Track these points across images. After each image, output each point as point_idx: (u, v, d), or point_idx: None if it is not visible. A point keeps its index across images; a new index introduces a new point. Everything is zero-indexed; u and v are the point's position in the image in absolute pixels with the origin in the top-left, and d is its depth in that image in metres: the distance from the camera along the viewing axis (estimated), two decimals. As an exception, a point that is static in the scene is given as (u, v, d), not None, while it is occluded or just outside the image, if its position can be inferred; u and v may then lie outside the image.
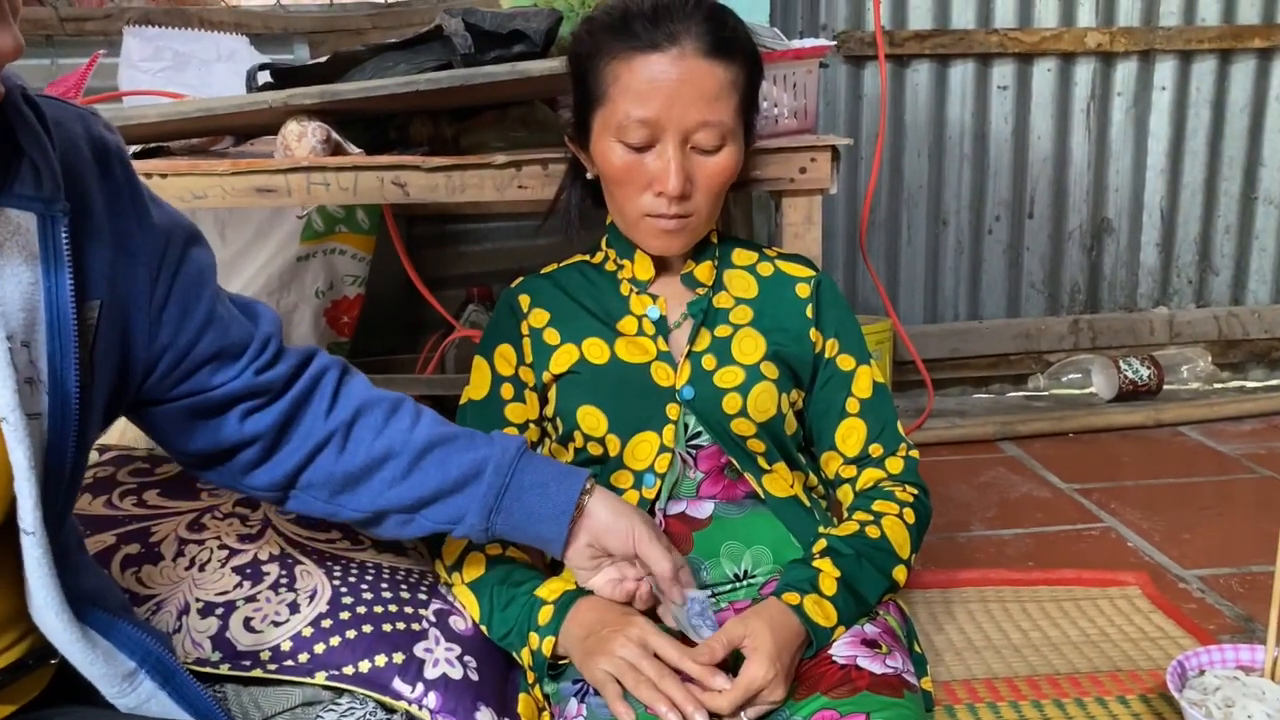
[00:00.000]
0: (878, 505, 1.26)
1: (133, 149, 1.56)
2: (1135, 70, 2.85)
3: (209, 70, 2.05)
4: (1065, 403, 2.77)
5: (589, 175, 1.32)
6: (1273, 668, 1.26)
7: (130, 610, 1.03)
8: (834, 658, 1.12)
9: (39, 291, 0.83)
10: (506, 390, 1.33)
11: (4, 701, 0.89)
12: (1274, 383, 2.98)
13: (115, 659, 0.90)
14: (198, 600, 1.18)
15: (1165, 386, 2.76)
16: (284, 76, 1.56)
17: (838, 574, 1.18)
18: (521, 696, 1.21)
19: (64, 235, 0.83)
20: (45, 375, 0.83)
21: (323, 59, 1.57)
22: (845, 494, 1.33)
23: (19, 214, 0.82)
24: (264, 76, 1.59)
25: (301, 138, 1.47)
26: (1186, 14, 2.83)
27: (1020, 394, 2.91)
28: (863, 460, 1.32)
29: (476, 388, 1.35)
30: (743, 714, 1.05)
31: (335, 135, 1.48)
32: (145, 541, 1.24)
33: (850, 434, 1.32)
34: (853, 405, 1.32)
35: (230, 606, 1.18)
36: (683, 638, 1.12)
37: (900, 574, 1.24)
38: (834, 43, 2.28)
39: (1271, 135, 2.93)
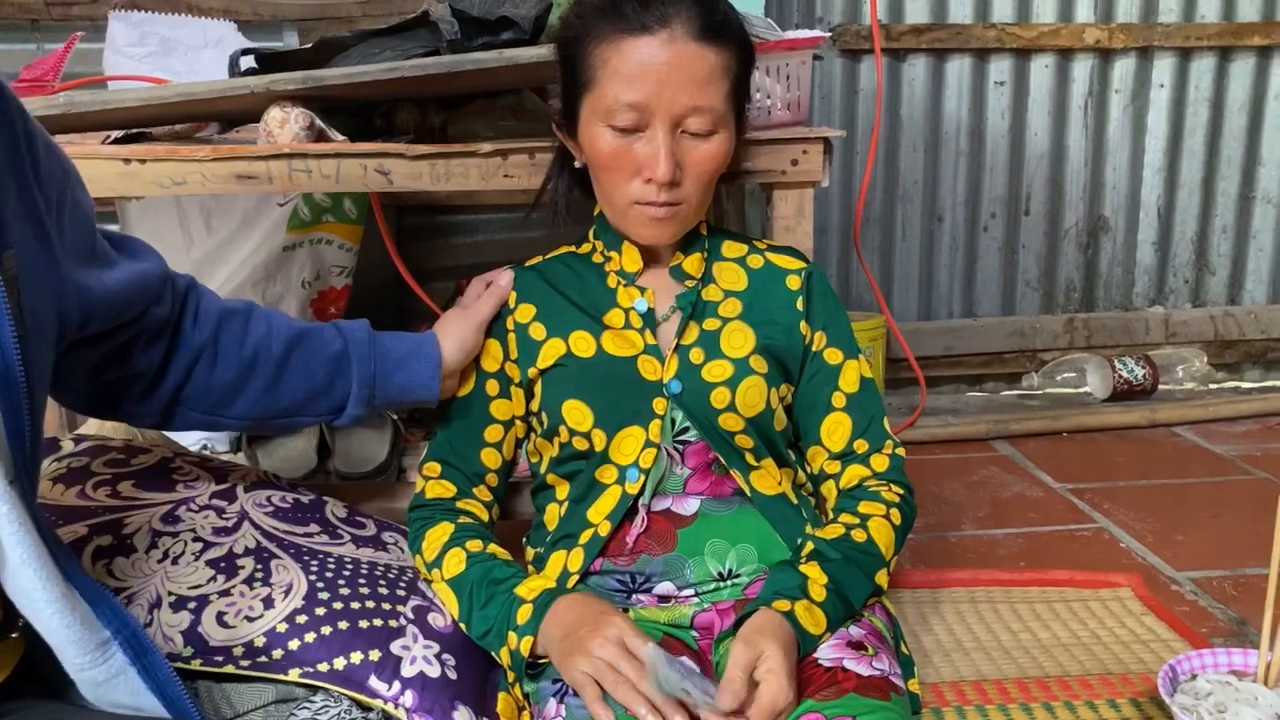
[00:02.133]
0: (864, 507, 1.24)
1: (113, 134, 1.53)
2: (1134, 67, 2.83)
3: (196, 56, 2.02)
4: (1059, 402, 2.75)
5: (577, 164, 1.29)
6: (1266, 672, 1.24)
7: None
8: (820, 660, 1.10)
9: None
10: (492, 386, 1.31)
11: None
12: (1270, 384, 2.97)
13: (91, 625, 0.88)
14: (170, 594, 1.15)
15: (1160, 386, 2.74)
16: (268, 62, 1.53)
17: (825, 579, 1.15)
18: (501, 696, 1.19)
19: None
20: None
21: (307, 45, 1.54)
22: (829, 490, 1.30)
23: None
24: (247, 61, 1.56)
25: (284, 124, 1.44)
26: (1186, 11, 2.81)
27: (1014, 392, 2.89)
28: (848, 456, 1.30)
29: (461, 385, 1.33)
30: None
31: (319, 122, 1.45)
32: (118, 533, 1.21)
33: (836, 429, 1.30)
34: (839, 400, 1.30)
35: (203, 600, 1.15)
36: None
37: (883, 578, 1.22)
38: (828, 34, 2.25)
39: (1270, 134, 2.91)
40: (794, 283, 1.32)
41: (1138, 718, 1.29)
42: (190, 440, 2.05)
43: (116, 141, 1.50)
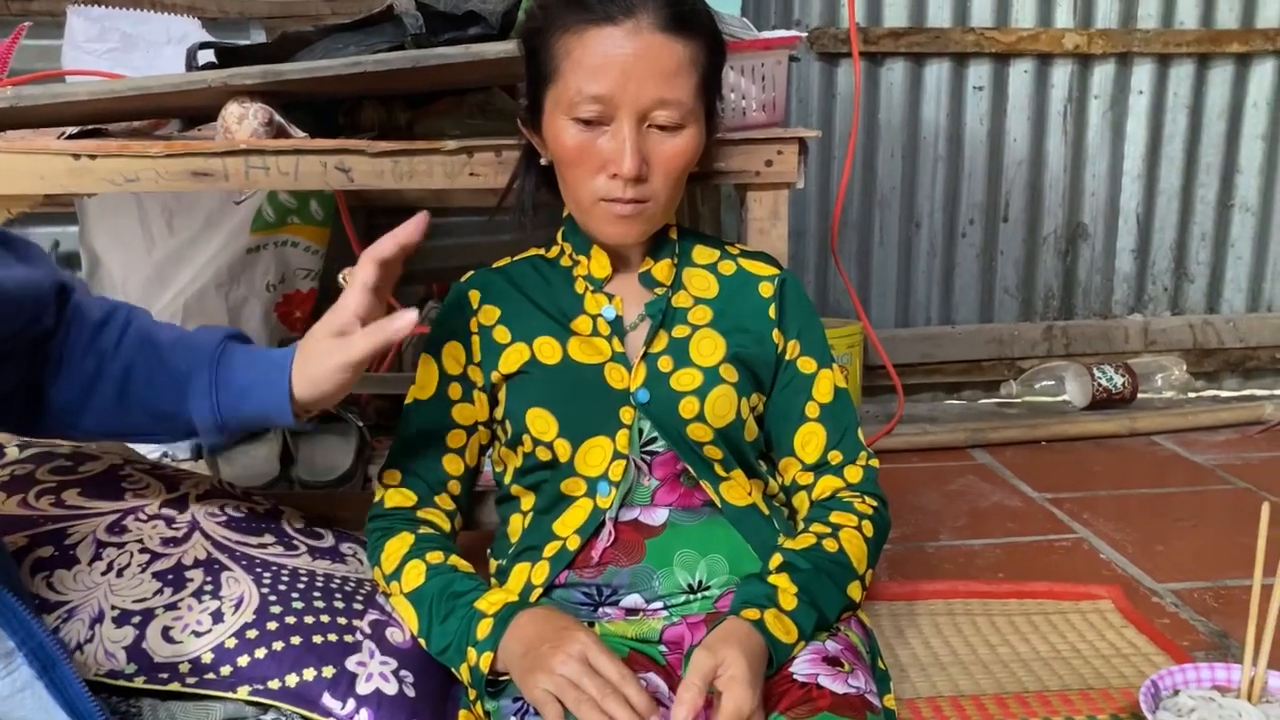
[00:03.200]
0: (835, 517, 1.20)
1: (68, 130, 1.48)
2: (1113, 73, 2.82)
3: (158, 53, 1.97)
4: (1038, 410, 2.73)
5: (543, 161, 1.25)
6: (1249, 688, 1.20)
7: (17, 586, 0.96)
8: (795, 676, 1.06)
9: None
10: (454, 390, 1.27)
11: None
12: (1248, 393, 2.95)
13: None
14: (113, 608, 1.10)
15: (1139, 395, 2.72)
16: (227, 56, 1.48)
17: (796, 589, 1.12)
18: (462, 714, 1.15)
19: None
20: None
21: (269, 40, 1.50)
22: (801, 501, 1.27)
23: None
24: (206, 56, 1.51)
25: (242, 120, 1.39)
26: (1165, 17, 2.80)
27: (992, 401, 2.87)
28: (821, 467, 1.26)
29: (423, 387, 1.28)
30: None
31: (279, 118, 1.41)
32: (60, 544, 1.16)
33: (809, 440, 1.26)
34: (813, 410, 1.26)
35: (148, 615, 1.10)
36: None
37: (856, 591, 1.18)
38: (804, 34, 2.23)
39: (1248, 142, 2.90)
40: (766, 289, 1.28)
41: (1119, 734, 1.26)
42: (150, 448, 2.00)
43: (71, 138, 1.45)
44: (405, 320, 1.07)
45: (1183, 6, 2.80)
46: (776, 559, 1.15)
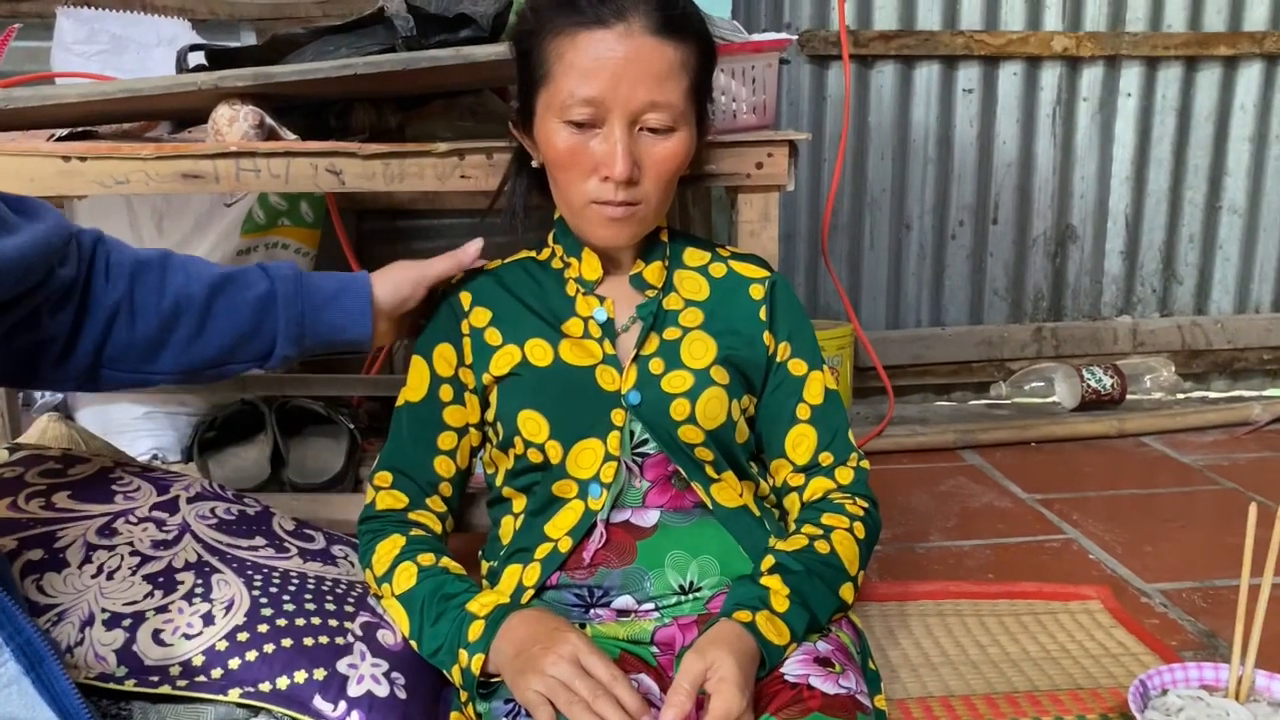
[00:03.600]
0: (827, 519, 1.21)
1: (58, 132, 1.48)
2: (1101, 75, 2.83)
3: (148, 55, 1.97)
4: (1027, 411, 2.74)
5: (535, 163, 1.26)
6: (1237, 687, 1.21)
7: (9, 586, 0.95)
8: (786, 677, 1.06)
9: None
10: (445, 392, 1.27)
11: None
12: (1236, 394, 2.97)
13: None
14: (104, 610, 1.10)
15: (1128, 396, 2.74)
16: (217, 58, 1.48)
17: (788, 591, 1.12)
18: (453, 716, 1.15)
19: None
20: None
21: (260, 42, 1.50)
22: (793, 503, 1.27)
23: None
24: (197, 58, 1.51)
25: (233, 122, 1.39)
26: (1153, 20, 2.82)
27: (982, 402, 2.88)
28: (812, 469, 1.26)
29: (414, 389, 1.28)
30: None
31: (269, 120, 1.41)
32: (50, 547, 1.16)
33: (800, 441, 1.26)
34: (803, 411, 1.26)
35: (139, 618, 1.10)
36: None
37: (848, 592, 1.18)
38: (794, 36, 2.23)
39: (1236, 144, 2.92)
40: (757, 292, 1.29)
41: (1108, 734, 1.26)
42: (140, 450, 1.99)
43: (61, 140, 1.44)
44: (475, 246, 1.28)
45: (1170, 9, 2.81)
46: (768, 560, 1.16)
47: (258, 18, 2.32)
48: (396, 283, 1.26)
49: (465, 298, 1.28)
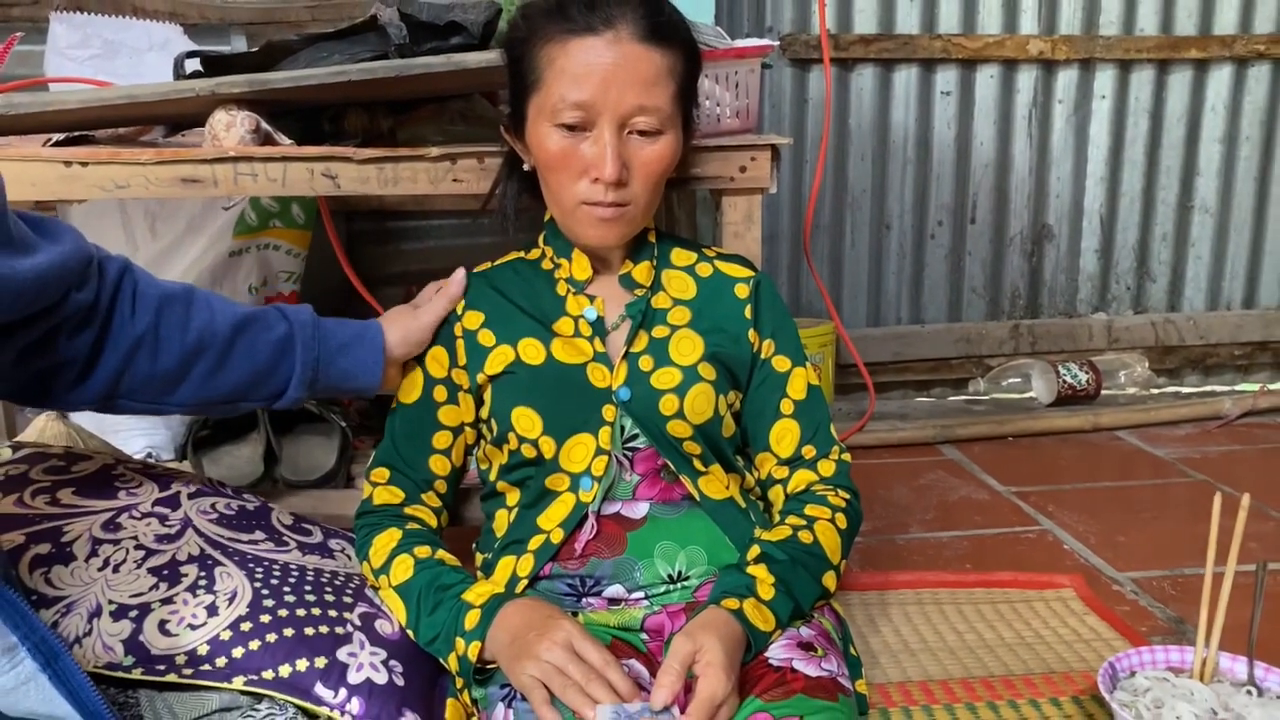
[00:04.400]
0: (810, 510, 1.25)
1: (55, 137, 1.51)
2: (1076, 78, 2.89)
3: (140, 59, 1.99)
4: (1005, 407, 2.79)
5: (526, 166, 1.29)
6: (1201, 669, 1.27)
7: (12, 581, 0.98)
8: (770, 660, 1.11)
9: None
10: (439, 393, 1.31)
11: None
12: (1208, 389, 3.03)
13: None
14: (110, 602, 1.14)
15: (1103, 391, 2.79)
16: (213, 65, 1.51)
17: (773, 579, 1.16)
18: (450, 702, 1.18)
19: None
20: None
21: (255, 49, 1.53)
22: (777, 495, 1.31)
23: None
24: (193, 64, 1.54)
25: (230, 127, 1.42)
26: (1126, 24, 2.87)
27: (961, 398, 2.93)
28: (795, 462, 1.31)
29: (408, 391, 1.32)
30: None
31: (265, 125, 1.44)
32: (56, 541, 1.19)
33: (784, 435, 1.31)
34: (787, 406, 1.31)
35: (145, 609, 1.14)
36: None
37: (831, 581, 1.23)
38: (777, 43, 2.28)
39: (1207, 145, 2.98)
40: (742, 291, 1.33)
41: (1079, 715, 1.31)
42: (135, 448, 2.02)
43: (58, 144, 1.47)
44: (460, 275, 1.33)
45: (1143, 14, 2.87)
46: (754, 550, 1.20)
47: (248, 22, 2.34)
48: (407, 332, 1.29)
49: (459, 300, 1.32)
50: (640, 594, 1.21)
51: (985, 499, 2.12)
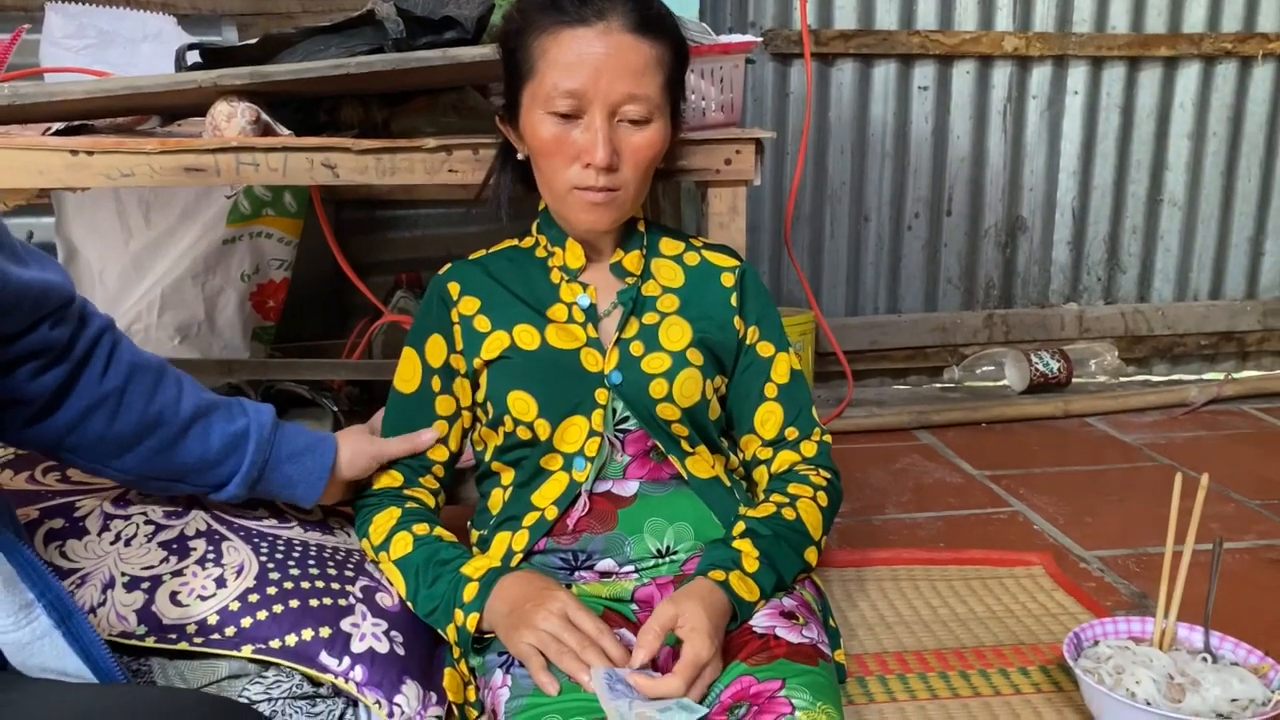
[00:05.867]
0: (793, 488, 1.31)
1: (55, 126, 1.54)
2: (1050, 74, 2.96)
3: (134, 49, 2.02)
4: (979, 394, 2.86)
5: (520, 155, 1.34)
6: (1161, 638, 1.33)
7: (27, 541, 1.02)
8: (753, 628, 1.17)
9: None
10: (436, 383, 1.35)
11: None
12: (1176, 377, 3.11)
13: (15, 587, 0.88)
14: (123, 574, 1.18)
15: (1074, 379, 2.86)
16: (213, 56, 1.55)
17: (757, 553, 1.22)
18: (447, 671, 1.23)
19: None
20: None
21: (253, 40, 1.57)
22: (761, 475, 1.37)
23: None
24: (193, 56, 1.58)
25: (231, 118, 1.46)
26: (1098, 21, 2.94)
27: (936, 385, 3.00)
28: (779, 443, 1.36)
29: (406, 380, 1.36)
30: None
31: (265, 116, 1.48)
32: (69, 516, 1.24)
33: (768, 418, 1.36)
34: (771, 390, 1.36)
35: (156, 580, 1.18)
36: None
37: (812, 555, 1.28)
38: (760, 39, 2.33)
39: (1176, 140, 3.05)
40: (728, 279, 1.38)
41: (1046, 682, 1.38)
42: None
43: (58, 133, 1.51)
44: (429, 435, 1.35)
45: (1114, 12, 2.94)
46: (739, 526, 1.26)
47: (239, 12, 2.38)
48: (356, 454, 1.30)
49: (454, 288, 1.36)
50: (630, 568, 1.27)
51: (959, 482, 2.19)
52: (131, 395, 1.15)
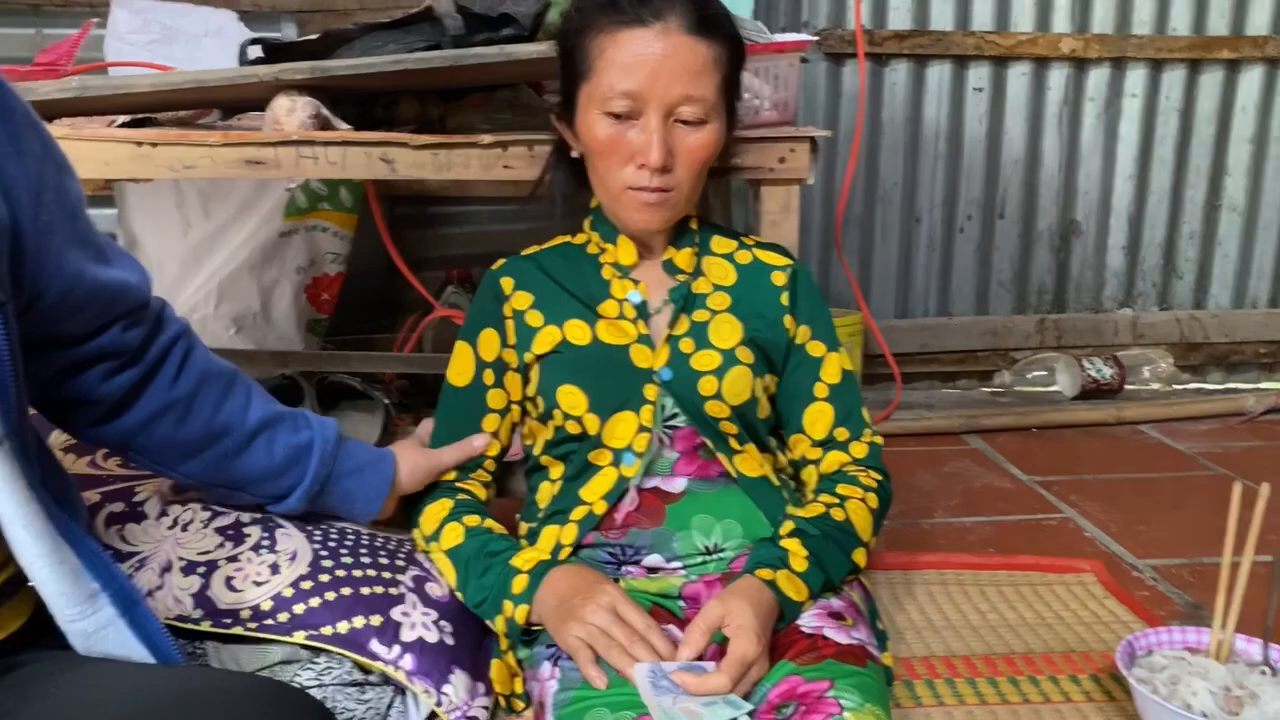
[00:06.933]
0: (842, 489, 1.31)
1: (120, 119, 1.58)
2: (1107, 76, 2.92)
3: (196, 44, 2.06)
4: (1029, 399, 2.83)
5: (574, 153, 1.34)
6: (1217, 649, 1.31)
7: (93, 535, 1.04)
8: (801, 628, 1.16)
9: None
10: (488, 376, 1.36)
11: None
12: (1232, 385, 3.06)
13: (80, 579, 0.90)
14: (180, 559, 1.21)
15: (1127, 386, 2.82)
16: (275, 52, 1.58)
17: (806, 553, 1.22)
18: (494, 662, 1.24)
19: None
20: None
21: (313, 36, 1.59)
22: (810, 475, 1.37)
23: None
24: (254, 51, 1.61)
25: (291, 112, 1.49)
26: (1158, 23, 2.90)
27: (986, 389, 2.97)
28: (828, 443, 1.36)
29: (459, 373, 1.38)
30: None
31: (324, 111, 1.50)
32: (129, 500, 1.26)
33: (818, 418, 1.36)
34: (821, 390, 1.36)
35: (212, 565, 1.20)
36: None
37: (860, 556, 1.28)
38: (814, 38, 2.32)
39: (1236, 145, 3.00)
40: (780, 278, 1.38)
41: (1097, 691, 1.36)
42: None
43: (123, 126, 1.54)
44: (480, 440, 1.36)
45: (1175, 13, 2.89)
46: (788, 525, 1.25)
47: (298, 9, 2.41)
48: (414, 469, 1.33)
49: (507, 283, 1.37)
50: (678, 563, 1.27)
51: (1009, 487, 2.17)
52: (200, 403, 1.17)
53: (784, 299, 1.37)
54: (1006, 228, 2.99)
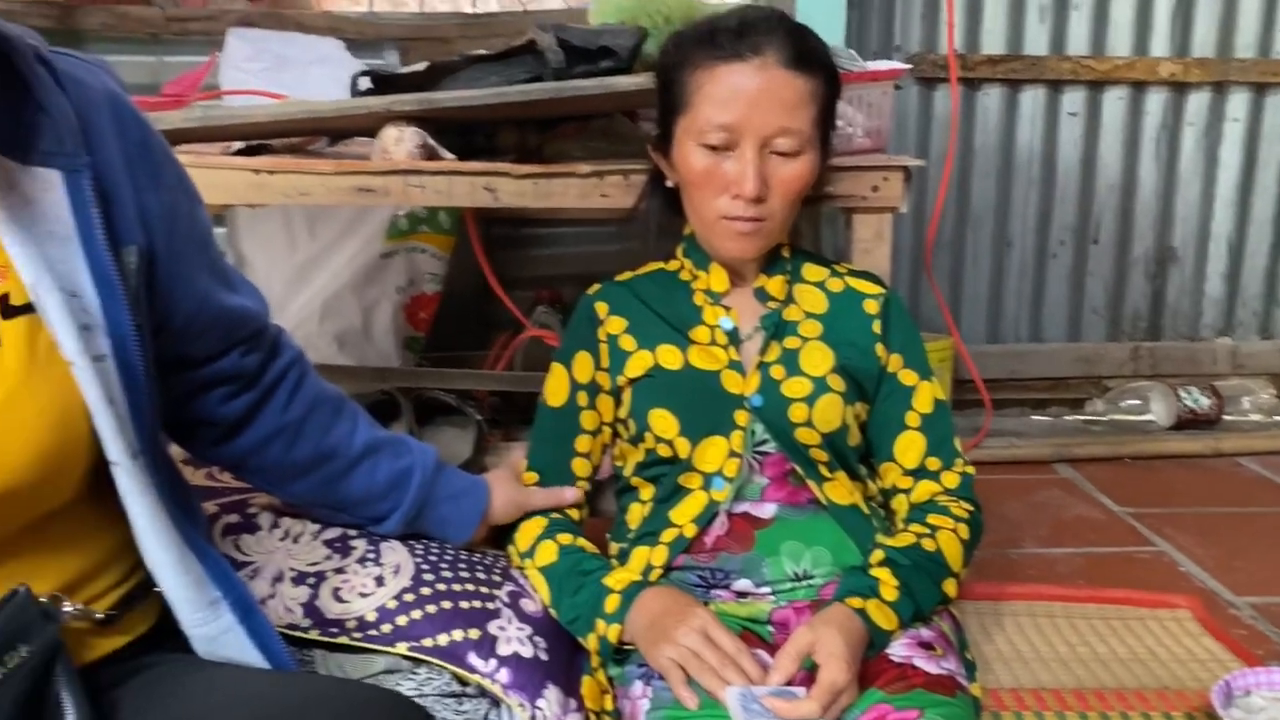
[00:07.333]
0: (933, 519, 1.31)
1: (235, 145, 1.65)
2: (1208, 101, 2.86)
3: (305, 72, 2.14)
4: (1122, 428, 2.78)
5: (669, 183, 1.37)
6: (1319, 692, 1.29)
7: (214, 545, 1.09)
8: (891, 657, 1.17)
9: (74, 244, 0.87)
10: (582, 398, 1.40)
11: (119, 633, 0.96)
12: (1337, 418, 2.97)
13: (204, 586, 0.95)
14: (291, 570, 1.26)
15: (1225, 417, 2.76)
16: (384, 83, 1.65)
17: (897, 583, 1.22)
18: (585, 679, 1.27)
19: (89, 188, 0.88)
20: (100, 320, 0.88)
21: (420, 67, 1.65)
22: (900, 504, 1.37)
23: (46, 171, 0.87)
24: (364, 82, 1.68)
25: (399, 142, 1.55)
26: (1263, 46, 2.84)
27: (1078, 417, 2.92)
28: (920, 473, 1.36)
29: (555, 394, 1.41)
30: None
31: (430, 140, 1.56)
32: (243, 512, 1.32)
33: (909, 447, 1.36)
34: (913, 419, 1.37)
35: (320, 577, 1.25)
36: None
37: (951, 587, 1.28)
38: (909, 65, 2.32)
39: (1344, 171, 2.92)
40: (872, 306, 1.39)
41: (1191, 731, 1.35)
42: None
43: (240, 153, 1.62)
44: (571, 494, 1.40)
45: (1280, 36, 2.84)
46: (879, 554, 1.27)
47: (400, 37, 2.49)
48: (506, 503, 1.36)
49: (602, 307, 1.41)
50: (767, 589, 1.29)
51: (1100, 518, 2.14)
52: (309, 427, 1.22)
53: (876, 327, 1.38)
54: (1100, 253, 2.95)
